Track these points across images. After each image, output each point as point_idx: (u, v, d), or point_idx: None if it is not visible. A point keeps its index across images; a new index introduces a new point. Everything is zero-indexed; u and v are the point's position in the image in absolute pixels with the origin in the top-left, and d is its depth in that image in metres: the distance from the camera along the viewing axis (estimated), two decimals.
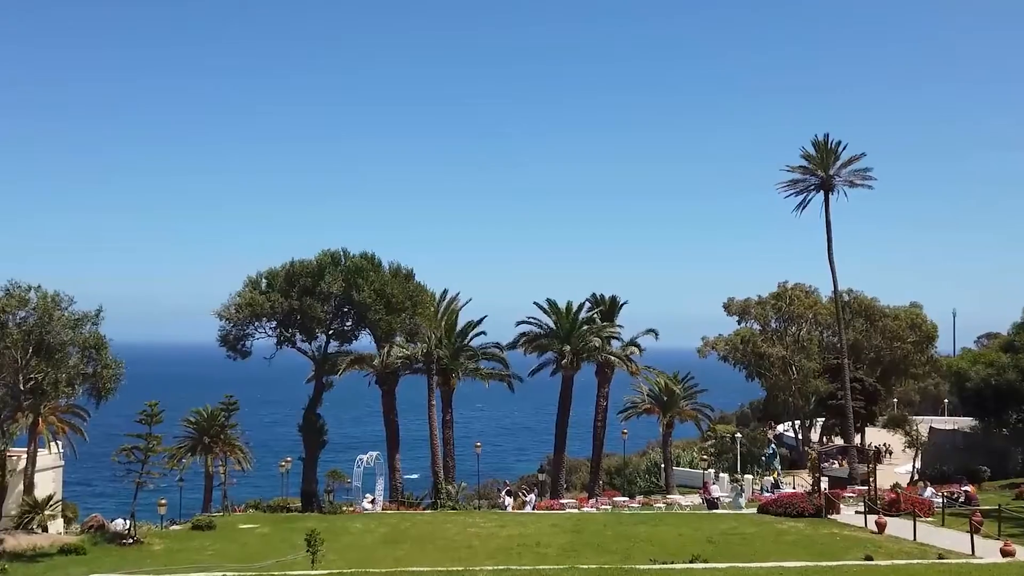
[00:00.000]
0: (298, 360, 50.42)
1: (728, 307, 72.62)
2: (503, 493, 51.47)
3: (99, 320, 41.35)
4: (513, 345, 57.90)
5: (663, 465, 61.75)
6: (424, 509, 50.60)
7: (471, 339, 57.10)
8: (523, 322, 58.33)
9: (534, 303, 58.77)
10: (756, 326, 71.93)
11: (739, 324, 72.63)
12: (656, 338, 60.91)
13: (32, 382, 40.14)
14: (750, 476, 58.52)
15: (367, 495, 52.66)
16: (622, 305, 61.99)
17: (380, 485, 55.82)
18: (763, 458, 67.06)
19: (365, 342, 50.37)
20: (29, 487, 45.53)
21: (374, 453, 56.99)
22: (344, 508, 49.99)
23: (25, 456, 46.00)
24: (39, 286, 40.41)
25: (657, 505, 49.38)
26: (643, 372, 61.40)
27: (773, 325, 71.29)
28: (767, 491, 52.13)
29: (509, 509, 48.46)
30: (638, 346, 60.88)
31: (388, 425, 55.95)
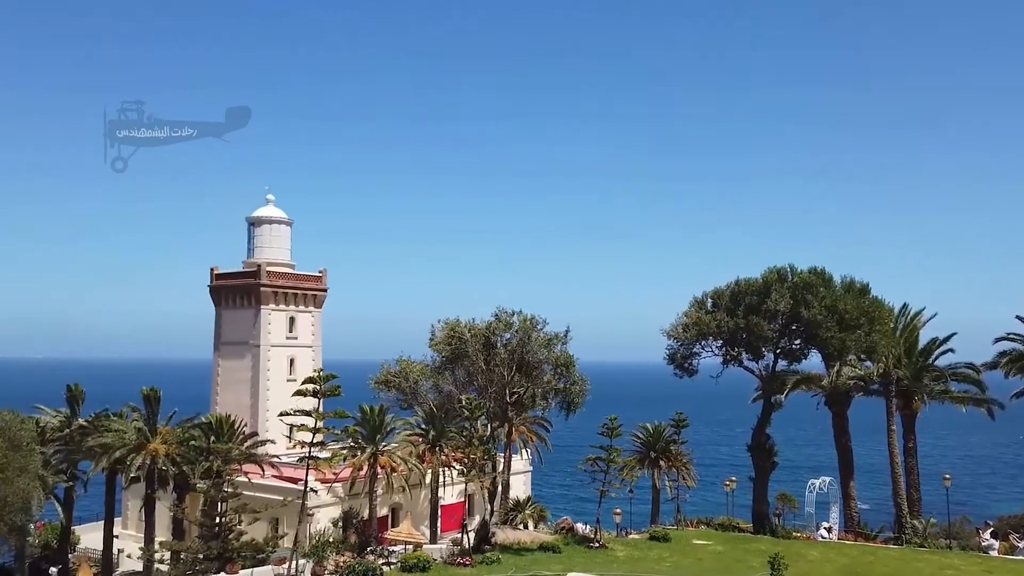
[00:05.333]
0: (743, 378, 49.99)
1: None
2: (986, 534, 44.89)
3: (567, 340, 45.99)
4: (993, 365, 50.37)
5: None
6: (884, 543, 46.44)
7: (936, 358, 51.11)
8: (1003, 339, 50.51)
9: (1017, 317, 50.64)
10: None
11: None
12: None
13: (515, 396, 45.88)
14: None
15: (823, 522, 49.99)
16: None
17: (834, 512, 52.62)
18: None
19: (815, 361, 48.13)
20: (506, 489, 51.78)
21: (826, 478, 54.02)
22: (796, 533, 48.13)
23: (502, 461, 52.50)
24: (520, 311, 46.38)
25: None
26: None
27: None
28: None
29: (994, 552, 42.17)
30: None
31: (840, 449, 52.51)
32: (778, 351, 46.29)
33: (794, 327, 44.80)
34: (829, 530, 48.42)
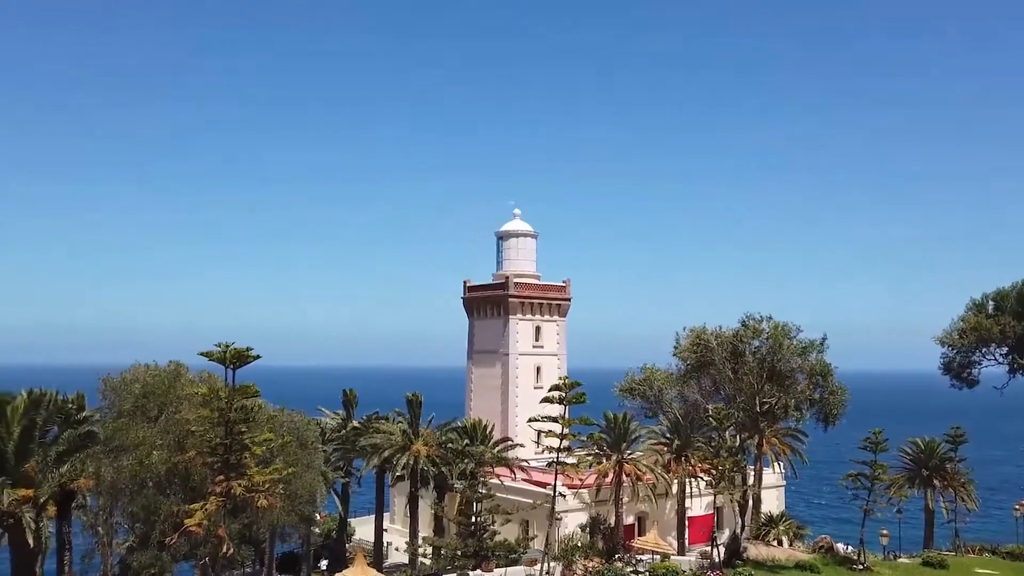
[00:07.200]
0: None
1: None
2: None
3: (824, 348, 43.63)
4: None
5: None
6: None
7: None
8: None
9: None
10: None
11: None
12: None
13: (766, 406, 44.18)
14: None
15: None
16: None
17: None
18: None
19: None
20: (757, 502, 49.68)
21: None
22: None
23: (752, 473, 50.44)
24: (770, 317, 44.69)
25: None
26: None
27: None
28: None
29: None
30: None
31: None
32: None
33: None
34: None
